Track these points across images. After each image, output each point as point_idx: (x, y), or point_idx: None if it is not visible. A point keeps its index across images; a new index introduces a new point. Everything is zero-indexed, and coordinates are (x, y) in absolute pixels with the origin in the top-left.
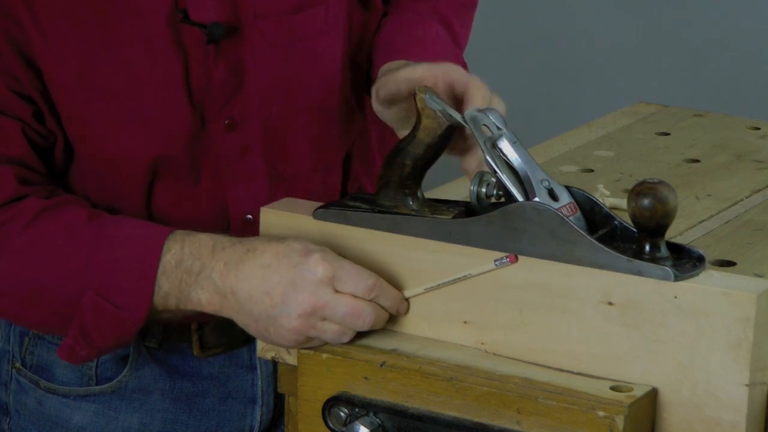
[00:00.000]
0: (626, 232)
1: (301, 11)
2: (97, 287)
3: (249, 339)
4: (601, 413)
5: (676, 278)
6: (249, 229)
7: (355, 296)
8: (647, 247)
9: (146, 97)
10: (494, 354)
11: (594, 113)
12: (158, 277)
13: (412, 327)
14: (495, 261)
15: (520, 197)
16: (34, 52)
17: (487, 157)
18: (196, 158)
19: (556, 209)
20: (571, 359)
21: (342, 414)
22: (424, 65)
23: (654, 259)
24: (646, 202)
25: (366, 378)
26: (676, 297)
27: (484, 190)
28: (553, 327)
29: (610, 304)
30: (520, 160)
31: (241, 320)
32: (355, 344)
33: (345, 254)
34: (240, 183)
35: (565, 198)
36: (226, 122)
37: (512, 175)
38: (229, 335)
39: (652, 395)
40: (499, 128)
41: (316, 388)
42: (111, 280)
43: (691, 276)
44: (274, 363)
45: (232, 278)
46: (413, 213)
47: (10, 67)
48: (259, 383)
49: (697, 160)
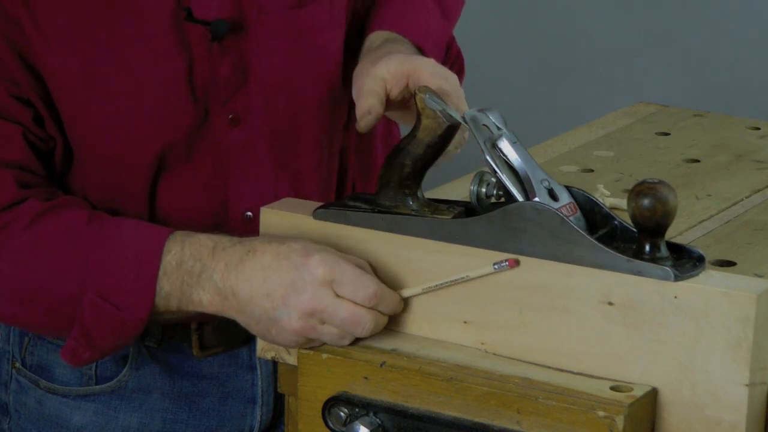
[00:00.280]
0: (626, 232)
1: (305, 5)
2: (97, 288)
3: (249, 339)
4: (601, 413)
5: (676, 278)
6: (248, 227)
7: (355, 302)
8: (647, 247)
9: (149, 96)
10: (494, 354)
11: (594, 113)
12: (159, 278)
13: (413, 327)
14: (494, 264)
15: (520, 197)
16: (35, 54)
17: (487, 157)
18: (198, 154)
19: (556, 209)
20: (571, 359)
21: (342, 414)
22: (392, 64)
23: (654, 259)
24: (646, 202)
25: (366, 378)
26: (676, 297)
27: (484, 190)
28: (553, 327)
29: (610, 304)
30: (520, 160)
31: (243, 320)
32: (355, 344)
33: (346, 254)
34: (241, 179)
35: (565, 198)
36: (230, 117)
37: (512, 175)
38: (228, 335)
39: (652, 395)
40: (499, 128)
41: (316, 388)
42: (111, 281)
43: (691, 276)
44: (274, 363)
45: (233, 279)
46: (413, 213)
47: (10, 72)
48: (259, 383)
49: (697, 160)
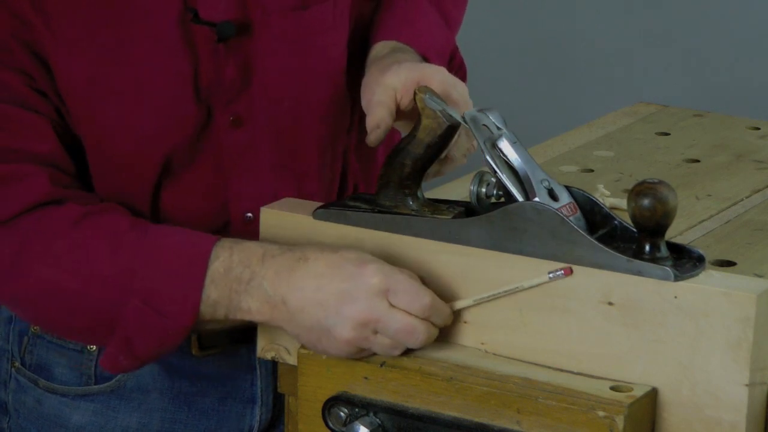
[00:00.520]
0: (626, 232)
1: (310, 6)
2: (141, 295)
3: (248, 339)
4: (601, 413)
5: (676, 278)
6: (249, 228)
7: (409, 313)
8: (647, 247)
9: (155, 98)
10: (494, 354)
11: (594, 113)
12: (206, 286)
13: None
14: (549, 273)
15: (520, 197)
16: (47, 53)
17: (487, 157)
18: (200, 154)
19: (556, 209)
20: (571, 359)
21: (342, 414)
22: (402, 73)
23: (654, 259)
24: (646, 202)
25: (366, 378)
26: (676, 297)
27: (484, 190)
28: (553, 327)
29: (610, 304)
30: (520, 160)
31: (292, 330)
32: (406, 355)
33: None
34: (242, 180)
35: (565, 198)
36: (231, 119)
37: (512, 175)
38: (228, 335)
39: (652, 395)
40: (499, 128)
41: (316, 388)
42: (156, 288)
43: (691, 276)
44: (274, 363)
45: (284, 287)
46: (413, 213)
47: (24, 66)
48: (259, 383)
49: (697, 160)
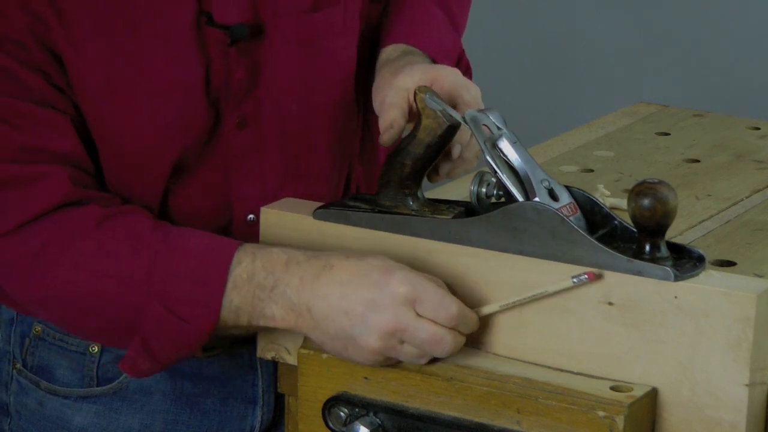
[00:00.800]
0: (626, 232)
1: (320, 10)
2: (162, 298)
3: (250, 339)
4: (601, 413)
5: (676, 278)
6: (251, 230)
7: (436, 322)
8: (647, 247)
9: (168, 100)
10: (494, 354)
11: (594, 113)
12: (228, 291)
13: None
14: (573, 278)
15: (520, 197)
16: (60, 51)
17: (488, 157)
18: (208, 156)
19: (556, 209)
20: (571, 359)
21: (342, 414)
22: (416, 74)
23: (654, 259)
24: (646, 202)
25: (366, 378)
26: (676, 297)
27: (484, 190)
28: (553, 327)
29: (610, 304)
30: (520, 160)
31: (316, 337)
32: (432, 363)
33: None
34: (246, 182)
35: (565, 198)
36: (237, 120)
37: (512, 175)
38: (229, 336)
39: (652, 395)
40: (499, 128)
41: (316, 388)
42: (176, 291)
43: (691, 276)
44: (275, 363)
45: (308, 295)
46: (413, 213)
47: (41, 64)
48: (260, 383)
49: (697, 160)
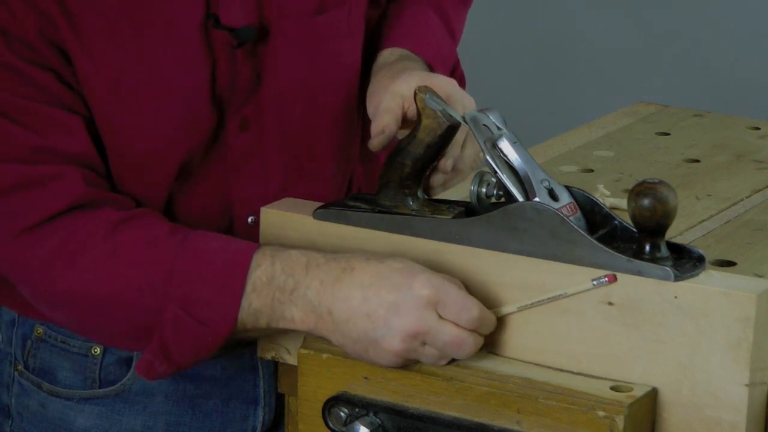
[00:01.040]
0: (626, 232)
1: (325, 12)
2: (180, 301)
3: (251, 340)
4: (601, 413)
5: (676, 278)
6: (252, 231)
7: (458, 325)
8: (647, 247)
9: (175, 101)
10: (494, 354)
11: (594, 113)
12: (247, 294)
13: None
14: (593, 280)
15: (520, 197)
16: (69, 53)
17: (487, 157)
18: (211, 158)
19: (556, 209)
20: (571, 359)
21: (342, 414)
22: (413, 81)
23: (654, 259)
24: (646, 202)
25: (366, 378)
26: (676, 297)
27: (484, 190)
28: (553, 327)
29: (610, 304)
30: (520, 160)
31: (337, 340)
32: (451, 364)
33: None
34: (246, 184)
35: (565, 198)
36: (238, 122)
37: (512, 175)
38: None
39: (652, 395)
40: (499, 128)
41: (316, 388)
42: (195, 294)
43: (691, 276)
44: (276, 363)
45: (329, 298)
46: (413, 213)
47: (53, 64)
48: (261, 384)
49: (697, 160)
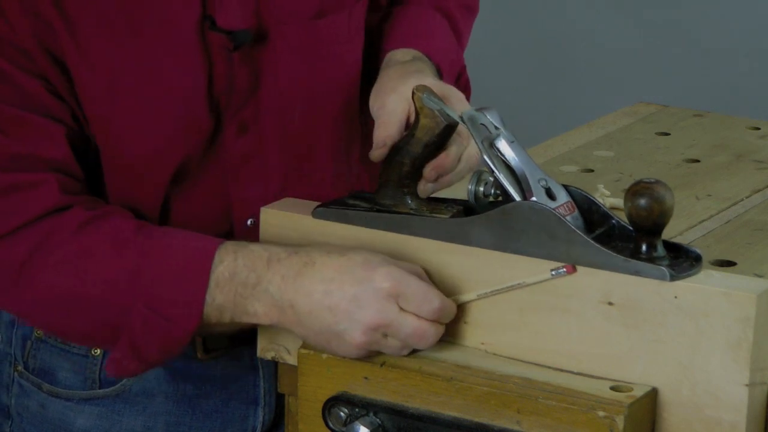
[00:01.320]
0: (624, 232)
1: (325, 16)
2: (145, 299)
3: (251, 340)
4: (601, 413)
5: (672, 278)
6: (251, 234)
7: (419, 316)
8: (644, 247)
9: (172, 104)
10: (494, 354)
11: (594, 113)
12: (211, 289)
13: None
14: (551, 270)
15: (517, 197)
16: (65, 56)
17: (485, 157)
18: (209, 161)
19: (553, 208)
20: (571, 359)
21: (342, 414)
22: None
23: (651, 259)
24: (643, 201)
25: (366, 378)
26: (676, 297)
27: (481, 189)
28: (553, 327)
29: (610, 304)
30: (517, 159)
31: (300, 332)
32: (411, 355)
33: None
34: (245, 187)
35: (562, 197)
36: (237, 125)
37: (510, 175)
38: (231, 337)
39: (652, 395)
40: (497, 127)
41: (316, 388)
42: (160, 292)
43: (688, 275)
44: (276, 363)
45: (291, 292)
46: (412, 212)
47: (42, 69)
48: (262, 384)
49: (697, 160)
